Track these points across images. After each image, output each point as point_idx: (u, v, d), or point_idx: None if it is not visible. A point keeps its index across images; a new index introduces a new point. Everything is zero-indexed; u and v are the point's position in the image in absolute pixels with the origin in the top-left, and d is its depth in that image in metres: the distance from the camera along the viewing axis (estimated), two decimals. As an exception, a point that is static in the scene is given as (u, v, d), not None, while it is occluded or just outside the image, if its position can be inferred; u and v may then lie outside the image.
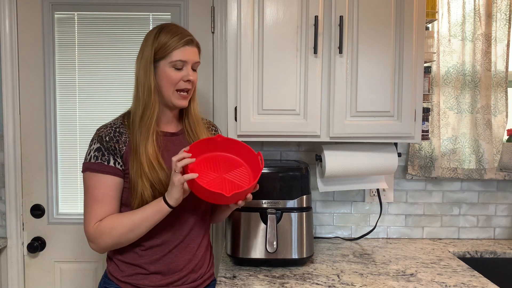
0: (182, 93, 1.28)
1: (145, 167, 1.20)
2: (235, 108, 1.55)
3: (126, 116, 1.31)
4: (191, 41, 1.27)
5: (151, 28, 1.82)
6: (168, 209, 1.19)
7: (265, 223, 1.50)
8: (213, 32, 1.88)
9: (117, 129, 1.26)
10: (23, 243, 1.92)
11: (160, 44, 1.24)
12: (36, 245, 1.90)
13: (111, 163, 1.22)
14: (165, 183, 1.22)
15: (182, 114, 1.38)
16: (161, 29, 1.27)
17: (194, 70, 1.30)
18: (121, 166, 1.23)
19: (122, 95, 1.88)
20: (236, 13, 1.53)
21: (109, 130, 1.25)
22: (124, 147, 1.24)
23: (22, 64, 1.87)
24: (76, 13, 1.87)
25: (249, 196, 1.23)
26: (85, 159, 1.24)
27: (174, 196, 1.16)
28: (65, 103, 1.90)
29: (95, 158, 1.22)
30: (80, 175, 1.91)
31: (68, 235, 1.92)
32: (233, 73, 1.55)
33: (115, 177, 1.23)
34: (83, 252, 1.93)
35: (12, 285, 1.91)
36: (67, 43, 1.88)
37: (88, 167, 1.23)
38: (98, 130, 1.27)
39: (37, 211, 1.91)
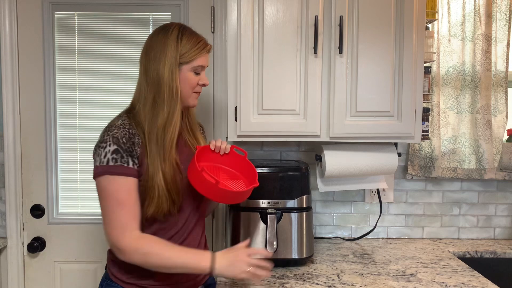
0: (196, 94, 1.33)
1: (166, 170, 1.21)
2: (235, 108, 1.55)
3: (130, 114, 1.27)
4: (210, 49, 1.32)
5: (151, 28, 1.86)
6: (207, 272, 1.17)
7: (265, 223, 1.50)
8: (213, 32, 1.88)
9: (130, 130, 1.22)
10: (23, 243, 1.92)
11: (187, 47, 1.25)
12: (36, 245, 1.89)
13: (130, 165, 1.19)
14: (179, 184, 1.24)
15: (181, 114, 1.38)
16: (182, 31, 1.27)
17: None
18: (137, 167, 1.21)
19: (122, 95, 1.88)
20: (236, 13, 1.53)
21: (123, 131, 1.21)
22: (139, 149, 1.21)
23: (22, 64, 1.87)
24: (76, 13, 1.87)
25: None
26: (101, 162, 1.18)
27: (233, 272, 1.16)
28: (65, 103, 1.90)
29: (114, 160, 1.17)
30: (80, 175, 1.92)
31: (68, 235, 1.92)
32: (233, 73, 1.55)
33: (135, 178, 1.20)
34: (83, 252, 1.93)
35: (12, 285, 1.91)
36: (67, 43, 1.88)
37: (107, 170, 1.17)
38: (109, 131, 1.21)
39: (37, 211, 1.91)
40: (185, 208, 1.29)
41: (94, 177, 1.20)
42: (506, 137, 1.94)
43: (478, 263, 1.80)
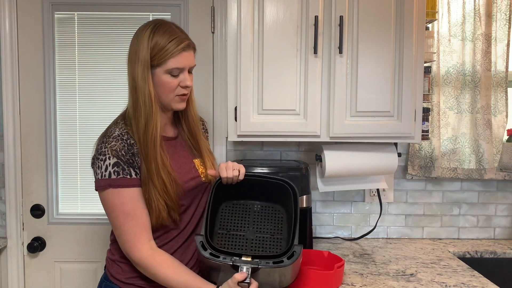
0: (181, 96, 1.24)
1: (157, 183, 1.17)
2: (235, 108, 1.55)
3: (126, 120, 1.23)
4: (187, 46, 1.20)
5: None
6: None
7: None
8: (213, 32, 1.88)
9: (128, 141, 1.18)
10: (23, 243, 1.92)
11: (156, 48, 1.16)
12: (36, 245, 1.90)
13: (133, 175, 1.17)
14: (172, 192, 1.20)
15: (177, 116, 1.35)
16: (155, 30, 1.18)
17: (190, 72, 1.25)
18: (139, 176, 1.19)
19: (122, 95, 1.87)
20: (236, 13, 1.53)
21: (121, 143, 1.17)
22: (138, 158, 1.18)
23: (22, 64, 1.87)
24: (76, 13, 1.87)
25: None
26: (102, 175, 1.15)
27: None
28: (65, 103, 1.90)
29: (115, 173, 1.14)
30: (80, 175, 1.92)
31: (68, 235, 1.92)
32: (233, 73, 1.55)
33: (139, 188, 1.18)
34: (83, 252, 1.93)
35: (12, 285, 1.91)
36: (67, 43, 1.88)
37: (110, 184, 1.14)
38: (107, 143, 1.16)
39: (37, 211, 1.91)
40: (188, 209, 1.28)
41: (97, 190, 1.17)
42: (506, 137, 1.94)
43: (478, 263, 1.80)
